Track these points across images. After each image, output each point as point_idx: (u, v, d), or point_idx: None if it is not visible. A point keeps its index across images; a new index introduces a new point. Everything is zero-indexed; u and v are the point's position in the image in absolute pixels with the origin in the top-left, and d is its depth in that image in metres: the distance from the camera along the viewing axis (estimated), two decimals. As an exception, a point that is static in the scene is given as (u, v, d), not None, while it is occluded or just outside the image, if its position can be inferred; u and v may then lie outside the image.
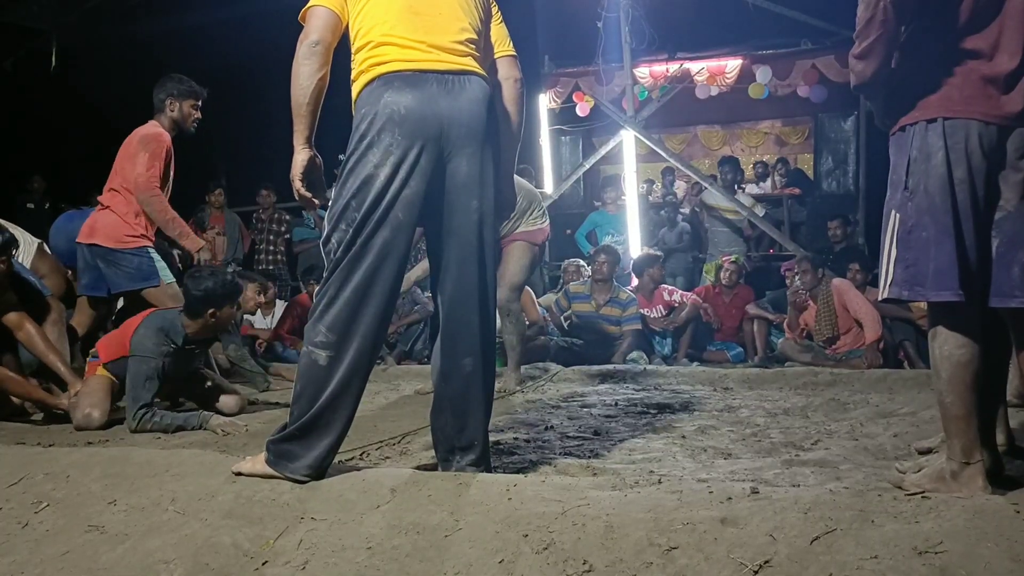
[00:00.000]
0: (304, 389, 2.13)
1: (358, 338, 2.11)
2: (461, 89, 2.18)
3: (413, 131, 2.10)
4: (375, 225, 2.10)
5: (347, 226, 2.10)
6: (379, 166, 2.09)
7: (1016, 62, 1.96)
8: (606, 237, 7.88)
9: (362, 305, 2.11)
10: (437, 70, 2.18)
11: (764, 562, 1.56)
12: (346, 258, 2.10)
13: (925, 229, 1.97)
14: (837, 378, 4.52)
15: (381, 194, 2.09)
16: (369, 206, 2.09)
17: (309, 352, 2.12)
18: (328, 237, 2.14)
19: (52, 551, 1.91)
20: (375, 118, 2.12)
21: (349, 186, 2.12)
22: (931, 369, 2.05)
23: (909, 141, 2.03)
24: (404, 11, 2.21)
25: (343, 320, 2.10)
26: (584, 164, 8.68)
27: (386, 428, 3.23)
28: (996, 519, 1.61)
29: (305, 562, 1.79)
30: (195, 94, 4.17)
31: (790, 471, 2.47)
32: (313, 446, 2.10)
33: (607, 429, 3.26)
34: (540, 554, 1.69)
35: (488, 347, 2.30)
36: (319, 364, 2.11)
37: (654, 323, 6.39)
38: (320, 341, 2.10)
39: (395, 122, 2.10)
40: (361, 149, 2.12)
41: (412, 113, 2.11)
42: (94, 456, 2.35)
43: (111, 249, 3.95)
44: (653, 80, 9.16)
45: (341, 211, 2.12)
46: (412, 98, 2.12)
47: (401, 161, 2.10)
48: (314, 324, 2.13)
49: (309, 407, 2.11)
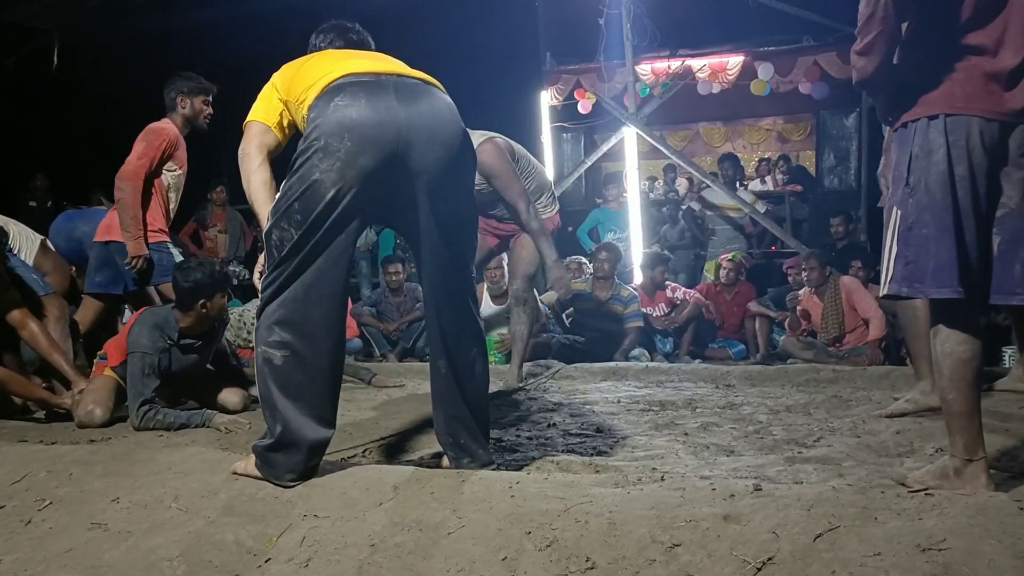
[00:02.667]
0: (267, 392, 2.11)
1: (312, 336, 2.10)
2: (421, 96, 2.17)
3: (365, 137, 2.07)
4: (320, 229, 2.08)
5: (289, 225, 2.09)
6: (327, 172, 2.06)
7: (1020, 58, 1.95)
8: (608, 234, 7.87)
9: (311, 305, 2.10)
10: (396, 73, 2.20)
11: (767, 559, 1.56)
12: (291, 258, 2.09)
13: (926, 226, 1.97)
14: (839, 375, 4.51)
15: (326, 200, 2.06)
16: (314, 210, 2.07)
17: (263, 352, 2.11)
18: (270, 232, 2.13)
19: (55, 548, 1.92)
20: (323, 123, 2.09)
21: (295, 188, 2.09)
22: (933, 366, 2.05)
23: (911, 137, 2.02)
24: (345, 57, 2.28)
25: (295, 319, 2.09)
26: (586, 161, 8.68)
27: (388, 425, 3.23)
28: (999, 516, 1.61)
29: (308, 559, 1.79)
30: (205, 90, 4.19)
31: (793, 468, 2.47)
32: (294, 453, 2.09)
33: (609, 426, 3.26)
34: (543, 551, 1.69)
35: (479, 344, 2.32)
36: (275, 364, 2.09)
37: (656, 321, 6.38)
38: (275, 340, 2.09)
39: (345, 127, 2.07)
40: (308, 153, 2.09)
41: (365, 119, 2.08)
42: (96, 454, 2.36)
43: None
44: (655, 77, 9.14)
45: (284, 210, 2.10)
46: (366, 103, 2.10)
47: (350, 165, 2.06)
48: (267, 324, 2.11)
49: (277, 413, 2.09)
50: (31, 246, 4.24)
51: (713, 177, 8.24)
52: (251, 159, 2.31)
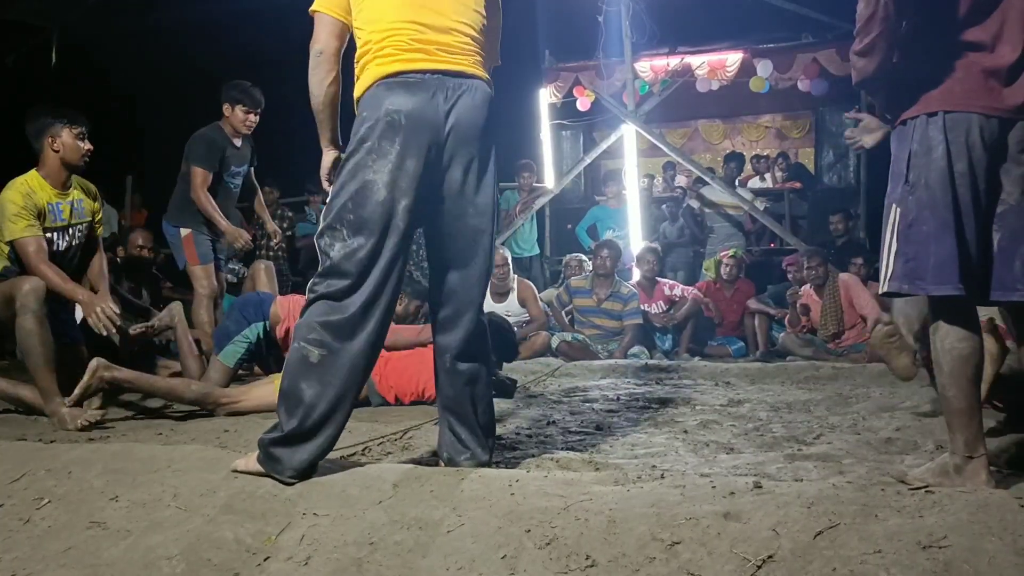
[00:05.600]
0: (294, 387, 2.10)
1: (354, 342, 2.10)
2: (462, 94, 2.18)
3: (412, 138, 2.10)
4: (375, 231, 2.09)
5: (342, 227, 2.10)
6: (379, 172, 2.09)
7: (1018, 54, 1.95)
8: (607, 232, 7.87)
9: (359, 308, 2.10)
10: (439, 70, 2.17)
11: (767, 557, 1.56)
12: (346, 260, 2.09)
13: (926, 223, 1.97)
14: (839, 372, 4.52)
15: (381, 201, 2.09)
16: (369, 212, 2.09)
17: (301, 348, 2.10)
18: (322, 233, 2.14)
19: (54, 547, 1.91)
20: (376, 123, 2.11)
21: (348, 188, 2.11)
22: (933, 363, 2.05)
23: (910, 135, 2.02)
24: (406, 6, 2.19)
25: (335, 319, 2.09)
26: (585, 159, 8.67)
27: (388, 423, 3.22)
28: (1000, 513, 1.61)
29: (307, 557, 1.79)
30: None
31: (793, 465, 2.47)
32: (302, 450, 2.08)
33: (609, 424, 3.26)
34: (543, 549, 1.69)
35: (485, 346, 2.33)
36: (310, 361, 2.09)
37: (655, 319, 6.38)
38: (313, 338, 2.09)
39: (396, 129, 2.10)
40: (361, 153, 2.11)
41: (412, 120, 2.10)
42: (95, 452, 2.35)
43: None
44: (654, 74, 9.14)
45: (338, 211, 2.11)
46: (413, 104, 2.11)
47: (400, 169, 2.09)
48: (308, 320, 2.11)
49: (297, 409, 2.08)
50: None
51: (712, 174, 8.23)
52: (325, 64, 2.23)
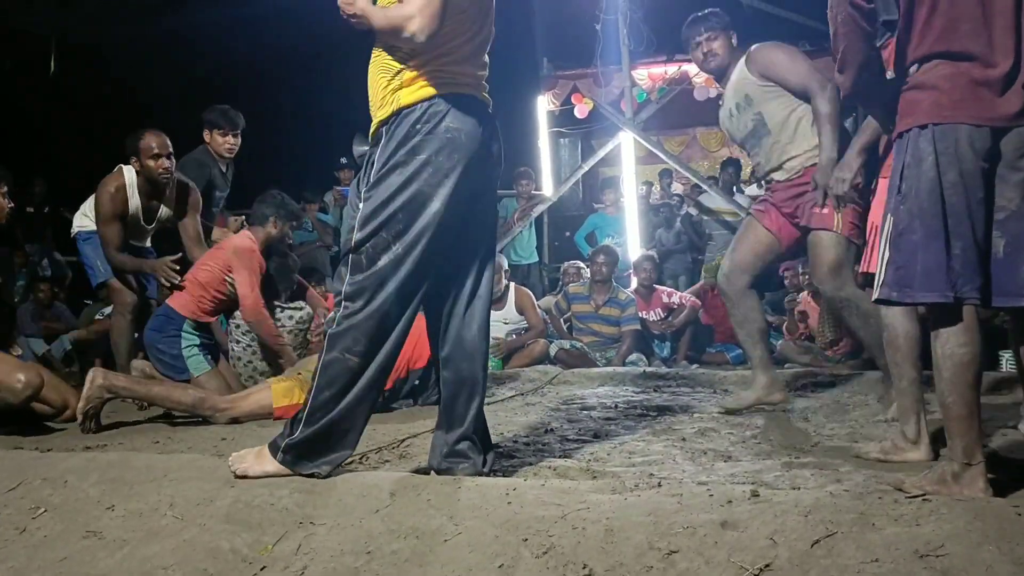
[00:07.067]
0: (325, 388, 2.12)
1: (387, 347, 2.14)
2: (491, 118, 2.27)
3: (464, 158, 2.15)
4: (425, 243, 2.12)
5: (390, 236, 2.11)
6: (435, 187, 2.11)
7: (1009, 63, 1.96)
8: (605, 239, 7.88)
9: (398, 318, 2.14)
10: (482, 98, 2.26)
11: (765, 565, 1.56)
12: (392, 269, 2.11)
13: (915, 232, 1.99)
14: (836, 380, 4.51)
15: (434, 214, 2.12)
16: (421, 224, 2.11)
17: (342, 357, 2.11)
18: (364, 240, 2.13)
19: (50, 557, 1.91)
20: (433, 137, 2.12)
21: (398, 197, 2.11)
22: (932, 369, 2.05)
23: (904, 147, 2.05)
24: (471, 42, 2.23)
25: (377, 328, 2.12)
26: (583, 166, 8.68)
27: (385, 432, 3.22)
28: (998, 521, 1.60)
29: (304, 567, 1.78)
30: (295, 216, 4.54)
31: (790, 473, 2.46)
32: (334, 448, 2.14)
33: (607, 432, 3.25)
34: (540, 558, 1.68)
35: (484, 358, 2.35)
36: (350, 368, 2.11)
37: (653, 326, 6.38)
38: (359, 350, 2.11)
39: (454, 147, 2.13)
40: (415, 164, 2.11)
41: (467, 140, 2.16)
42: (92, 461, 2.35)
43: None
44: (651, 82, 9.17)
45: (386, 220, 2.11)
46: (470, 126, 2.16)
47: (456, 185, 2.14)
48: (348, 330, 2.11)
49: (333, 407, 2.11)
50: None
51: (711, 182, 8.24)
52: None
